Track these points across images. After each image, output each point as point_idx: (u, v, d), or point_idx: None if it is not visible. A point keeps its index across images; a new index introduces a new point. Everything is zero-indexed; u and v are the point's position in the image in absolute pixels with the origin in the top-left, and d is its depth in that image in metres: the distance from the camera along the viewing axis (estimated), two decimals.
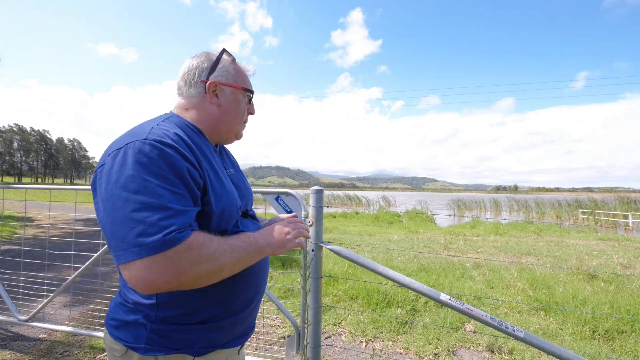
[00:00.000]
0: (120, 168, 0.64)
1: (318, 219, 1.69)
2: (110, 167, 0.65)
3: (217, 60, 0.89)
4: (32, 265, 4.58)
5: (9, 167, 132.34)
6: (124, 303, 0.79)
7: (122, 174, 0.63)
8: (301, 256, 1.83)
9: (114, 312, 0.81)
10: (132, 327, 0.76)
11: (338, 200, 29.36)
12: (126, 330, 0.77)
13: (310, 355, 1.76)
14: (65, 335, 2.68)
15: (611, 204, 19.59)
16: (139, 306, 0.76)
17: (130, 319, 0.77)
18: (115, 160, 0.65)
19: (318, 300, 1.74)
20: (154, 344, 0.75)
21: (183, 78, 0.89)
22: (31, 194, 14.48)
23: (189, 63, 0.89)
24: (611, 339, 2.78)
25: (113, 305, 0.83)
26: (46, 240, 4.43)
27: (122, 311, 0.79)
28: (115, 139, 0.73)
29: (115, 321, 0.79)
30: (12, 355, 2.39)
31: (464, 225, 13.03)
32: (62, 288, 2.50)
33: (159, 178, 0.64)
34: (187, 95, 0.88)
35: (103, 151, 0.73)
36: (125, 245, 0.61)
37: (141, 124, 0.76)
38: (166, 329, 0.76)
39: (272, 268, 4.80)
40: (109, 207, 0.63)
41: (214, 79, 0.88)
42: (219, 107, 0.89)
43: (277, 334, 2.80)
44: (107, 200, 0.63)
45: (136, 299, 0.76)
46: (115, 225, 0.62)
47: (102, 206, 0.64)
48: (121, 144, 0.68)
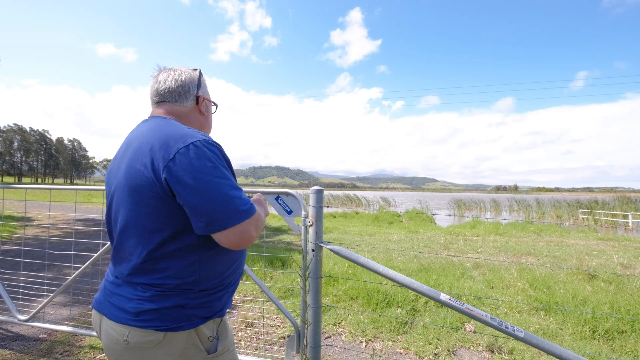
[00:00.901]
0: (199, 161, 0.82)
1: (318, 219, 1.69)
2: (189, 161, 0.81)
3: (200, 78, 1.08)
4: (32, 265, 4.58)
5: (9, 167, 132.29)
6: (158, 293, 0.84)
7: (206, 166, 0.82)
8: (301, 256, 1.83)
9: (141, 307, 0.83)
10: (171, 310, 0.84)
11: (338, 200, 29.36)
12: (163, 315, 0.84)
13: (310, 355, 1.76)
14: (65, 335, 2.67)
15: (611, 204, 19.59)
16: (182, 286, 0.86)
17: (167, 305, 0.84)
18: (189, 156, 0.81)
19: (318, 300, 1.74)
20: (194, 318, 0.88)
21: (179, 89, 1.02)
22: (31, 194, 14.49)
23: (179, 75, 1.03)
24: (611, 339, 2.78)
25: (136, 302, 0.84)
26: (46, 240, 4.43)
27: (155, 301, 0.84)
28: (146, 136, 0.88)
29: (148, 314, 0.83)
30: (12, 355, 2.39)
31: (464, 225, 13.03)
32: (62, 288, 2.50)
33: (226, 168, 0.87)
34: (183, 105, 1.03)
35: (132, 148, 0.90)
36: (230, 214, 0.82)
37: (175, 127, 0.89)
38: (205, 300, 0.90)
39: (272, 268, 4.80)
40: (208, 190, 0.80)
41: (201, 94, 1.07)
42: (204, 117, 1.09)
43: (277, 334, 2.80)
44: (204, 186, 0.80)
45: (177, 282, 0.86)
46: (217, 202, 0.81)
47: (199, 191, 0.80)
48: (182, 143, 0.83)
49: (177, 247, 0.86)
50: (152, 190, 0.82)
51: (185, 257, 0.86)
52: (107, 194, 0.96)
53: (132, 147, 0.89)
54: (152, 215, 0.84)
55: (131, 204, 0.85)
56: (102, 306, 0.91)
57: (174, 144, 0.83)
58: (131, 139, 0.93)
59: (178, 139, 0.84)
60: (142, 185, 0.83)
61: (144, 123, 0.97)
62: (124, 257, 0.89)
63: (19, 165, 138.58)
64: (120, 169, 0.90)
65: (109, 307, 0.88)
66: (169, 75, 1.02)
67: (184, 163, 0.80)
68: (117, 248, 0.92)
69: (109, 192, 0.95)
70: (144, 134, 0.90)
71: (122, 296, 0.86)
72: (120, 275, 0.89)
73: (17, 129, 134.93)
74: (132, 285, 0.86)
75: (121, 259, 0.91)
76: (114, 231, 0.93)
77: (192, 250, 0.87)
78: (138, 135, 0.92)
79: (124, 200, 0.87)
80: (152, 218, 0.84)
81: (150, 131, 0.89)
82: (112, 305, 0.87)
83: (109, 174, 0.98)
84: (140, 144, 0.87)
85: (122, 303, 0.85)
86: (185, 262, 0.86)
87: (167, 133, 0.86)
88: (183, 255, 0.86)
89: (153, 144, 0.84)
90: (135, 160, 0.85)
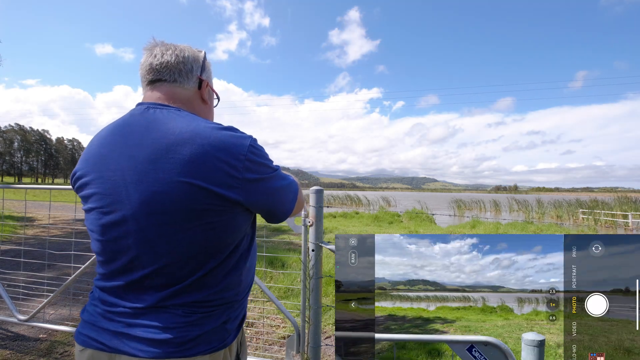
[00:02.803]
0: (263, 157, 0.78)
1: (318, 219, 1.69)
2: (259, 158, 0.76)
3: (205, 60, 0.89)
4: (32, 265, 4.58)
5: (9, 167, 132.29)
6: (205, 314, 0.74)
7: (269, 161, 0.80)
8: (301, 256, 1.83)
9: (187, 334, 0.70)
10: (216, 330, 0.75)
11: (338, 200, 29.37)
12: (210, 336, 0.74)
13: (310, 355, 1.75)
14: (65, 335, 2.68)
15: (611, 204, 19.59)
16: (227, 300, 0.78)
17: (214, 325, 0.75)
18: (255, 154, 0.75)
19: (318, 300, 1.74)
20: (232, 330, 0.80)
21: (180, 66, 0.82)
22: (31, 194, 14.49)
23: (181, 51, 0.83)
24: None
25: (179, 331, 0.70)
26: (46, 240, 4.43)
27: (202, 324, 0.73)
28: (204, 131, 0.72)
29: (195, 340, 0.71)
30: (12, 355, 2.39)
31: (464, 225, 13.04)
32: (62, 288, 2.50)
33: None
34: (184, 87, 0.84)
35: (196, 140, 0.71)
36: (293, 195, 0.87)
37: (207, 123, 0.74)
38: (240, 309, 0.85)
39: (272, 268, 4.80)
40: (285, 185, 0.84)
41: (205, 79, 0.88)
42: (207, 107, 0.92)
43: (277, 334, 2.80)
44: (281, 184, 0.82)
45: (224, 296, 0.77)
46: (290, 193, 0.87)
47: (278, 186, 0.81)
48: (243, 140, 0.74)
49: (236, 257, 0.79)
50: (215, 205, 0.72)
51: (236, 268, 0.79)
52: (99, 204, 0.74)
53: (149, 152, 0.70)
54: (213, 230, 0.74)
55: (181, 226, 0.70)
56: (115, 343, 0.70)
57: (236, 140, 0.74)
58: (140, 140, 0.72)
59: (236, 138, 0.75)
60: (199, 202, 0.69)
61: (146, 113, 0.76)
62: (155, 283, 0.72)
63: (19, 165, 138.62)
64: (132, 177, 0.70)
65: (132, 343, 0.69)
66: (168, 48, 0.82)
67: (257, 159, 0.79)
68: (133, 274, 0.73)
69: (104, 204, 0.73)
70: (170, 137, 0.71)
71: (153, 327, 0.69)
72: (145, 304, 0.71)
73: (17, 129, 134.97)
74: (167, 311, 0.71)
75: (149, 286, 0.72)
76: (120, 256, 0.73)
77: (243, 258, 0.81)
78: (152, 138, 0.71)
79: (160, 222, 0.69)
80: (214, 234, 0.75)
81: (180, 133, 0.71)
82: (140, 340, 0.69)
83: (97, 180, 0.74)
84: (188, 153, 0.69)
85: (158, 335, 0.69)
86: (234, 274, 0.79)
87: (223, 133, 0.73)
88: (234, 267, 0.78)
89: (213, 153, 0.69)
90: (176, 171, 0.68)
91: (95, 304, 0.77)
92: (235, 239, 0.77)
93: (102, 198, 0.73)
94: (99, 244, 0.76)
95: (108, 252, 0.75)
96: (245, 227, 0.80)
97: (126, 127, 0.76)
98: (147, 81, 0.83)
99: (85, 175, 0.77)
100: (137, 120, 0.75)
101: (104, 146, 0.76)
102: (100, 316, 0.74)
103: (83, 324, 0.77)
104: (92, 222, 0.76)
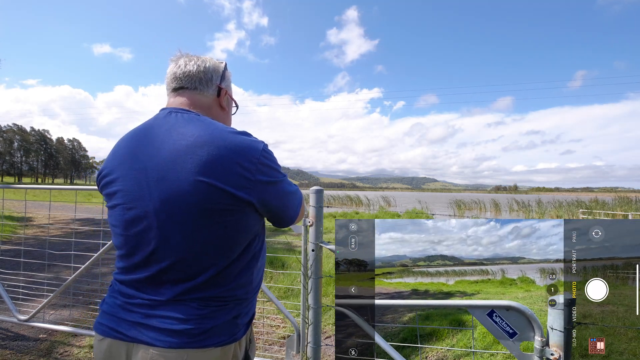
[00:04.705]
0: (274, 162, 0.84)
1: (318, 219, 1.69)
2: (270, 162, 0.83)
3: (225, 70, 0.97)
4: (32, 265, 4.58)
5: (9, 167, 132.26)
6: (218, 308, 0.78)
7: (278, 166, 0.86)
8: (301, 256, 1.83)
9: (202, 326, 0.75)
10: (228, 324, 0.80)
11: (338, 200, 29.37)
12: (222, 330, 0.78)
13: (310, 355, 1.75)
14: (65, 335, 2.68)
15: (611, 204, 19.58)
16: (238, 297, 0.83)
17: (226, 318, 0.79)
18: (267, 158, 0.82)
19: (318, 300, 1.74)
20: (242, 326, 0.84)
21: (200, 75, 0.90)
22: (31, 194, 14.48)
23: (202, 62, 0.92)
24: None
25: (195, 322, 0.75)
26: (46, 240, 4.42)
27: (215, 317, 0.77)
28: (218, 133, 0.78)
29: (209, 332, 0.76)
30: (12, 355, 2.39)
31: None
32: (62, 288, 2.50)
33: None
34: (204, 94, 0.91)
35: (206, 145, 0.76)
36: (299, 202, 0.95)
37: (224, 127, 0.81)
38: (250, 306, 0.89)
39: (272, 268, 4.80)
40: (292, 191, 0.92)
41: (224, 87, 0.96)
42: (225, 113, 0.98)
43: (277, 334, 2.80)
44: (289, 190, 0.90)
45: (236, 293, 0.82)
46: (296, 199, 0.94)
47: (286, 191, 0.88)
48: (257, 144, 0.80)
49: (248, 257, 0.84)
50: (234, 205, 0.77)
51: (248, 267, 0.84)
52: (123, 200, 0.79)
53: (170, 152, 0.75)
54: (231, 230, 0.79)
55: (197, 223, 0.74)
56: (134, 333, 0.75)
57: (251, 144, 0.80)
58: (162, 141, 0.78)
59: (249, 143, 0.81)
60: (214, 201, 0.74)
61: (168, 117, 0.83)
62: (171, 277, 0.77)
63: (19, 165, 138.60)
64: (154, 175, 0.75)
65: (150, 333, 0.74)
66: (191, 59, 0.91)
67: (270, 163, 0.86)
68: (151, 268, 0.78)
69: (127, 200, 0.78)
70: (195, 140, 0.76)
71: (170, 318, 0.74)
72: (163, 296, 0.76)
73: (17, 129, 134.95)
74: (183, 303, 0.76)
75: (166, 280, 0.77)
76: (140, 250, 0.78)
77: (255, 258, 0.87)
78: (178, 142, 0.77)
79: (178, 218, 0.74)
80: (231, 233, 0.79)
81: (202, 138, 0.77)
82: (157, 330, 0.74)
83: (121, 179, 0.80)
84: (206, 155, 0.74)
85: (174, 326, 0.73)
86: (246, 273, 0.84)
87: (237, 139, 0.79)
88: (246, 266, 0.84)
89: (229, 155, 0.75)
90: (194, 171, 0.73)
91: (114, 296, 0.82)
92: (246, 239, 0.82)
93: (126, 195, 0.79)
94: (121, 238, 0.81)
95: (129, 246, 0.80)
96: (255, 228, 0.85)
97: (150, 130, 0.82)
98: (171, 89, 0.91)
99: (111, 174, 0.82)
100: (160, 124, 0.82)
101: (129, 147, 0.82)
102: (119, 307, 0.79)
103: (102, 314, 0.82)
104: (116, 217, 0.81)
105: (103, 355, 0.79)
